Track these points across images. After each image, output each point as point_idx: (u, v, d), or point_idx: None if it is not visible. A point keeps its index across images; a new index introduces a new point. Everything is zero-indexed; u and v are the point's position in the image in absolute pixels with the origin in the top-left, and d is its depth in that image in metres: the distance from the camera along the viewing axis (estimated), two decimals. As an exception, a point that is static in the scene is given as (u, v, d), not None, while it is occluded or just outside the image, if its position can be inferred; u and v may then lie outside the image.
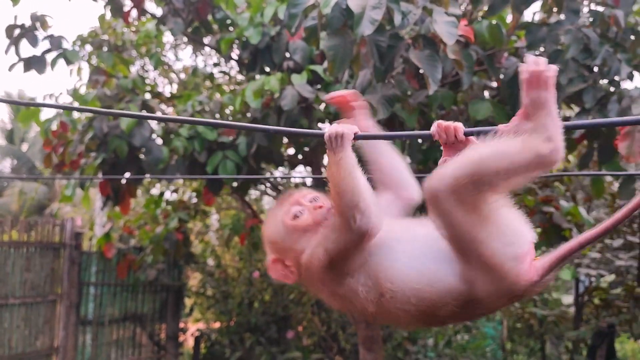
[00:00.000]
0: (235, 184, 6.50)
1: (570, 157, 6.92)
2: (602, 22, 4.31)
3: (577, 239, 1.41)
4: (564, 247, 1.42)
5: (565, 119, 5.48)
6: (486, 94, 5.30)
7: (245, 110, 5.77)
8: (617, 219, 1.40)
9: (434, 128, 1.48)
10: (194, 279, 10.40)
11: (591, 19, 4.46)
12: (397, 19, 3.12)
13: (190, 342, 9.92)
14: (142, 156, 5.73)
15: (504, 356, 9.65)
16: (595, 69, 4.64)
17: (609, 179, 7.10)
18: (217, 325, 9.89)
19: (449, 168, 1.33)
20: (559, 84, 4.38)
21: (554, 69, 1.34)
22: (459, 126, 1.46)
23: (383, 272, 1.43)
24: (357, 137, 1.51)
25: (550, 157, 1.30)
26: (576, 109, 5.10)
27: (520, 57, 4.99)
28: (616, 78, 4.43)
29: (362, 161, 1.59)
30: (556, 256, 1.41)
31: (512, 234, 1.37)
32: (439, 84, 3.45)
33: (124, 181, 5.93)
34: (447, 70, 4.42)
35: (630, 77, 4.50)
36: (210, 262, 10.22)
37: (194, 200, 8.61)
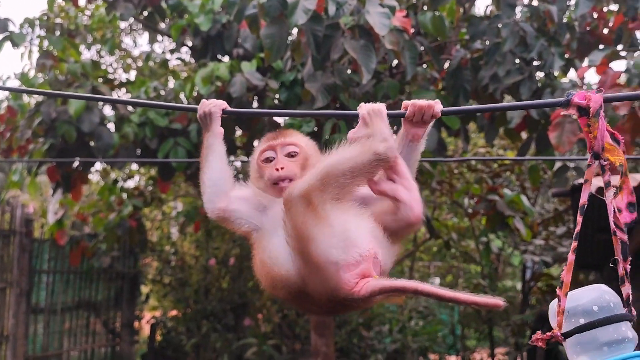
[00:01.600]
0: (188, 171, 6.52)
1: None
2: (537, 17, 4.48)
3: (417, 286, 1.51)
4: (402, 283, 1.53)
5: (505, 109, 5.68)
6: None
7: (199, 96, 5.79)
8: (455, 296, 1.49)
9: (411, 108, 1.60)
10: (150, 267, 10.37)
11: (528, 14, 4.63)
12: (332, 9, 3.21)
13: (146, 330, 9.92)
14: (92, 143, 5.71)
15: (454, 340, 9.93)
16: (535, 62, 4.84)
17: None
18: (173, 312, 9.90)
19: (305, 177, 1.57)
20: (497, 76, 4.56)
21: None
22: (435, 106, 1.59)
23: (264, 238, 1.70)
24: (225, 113, 1.77)
25: (386, 154, 1.53)
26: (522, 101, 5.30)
27: (469, 49, 5.16)
28: (550, 71, 4.62)
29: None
30: (390, 285, 1.52)
31: (343, 239, 1.51)
32: (372, 73, 3.56)
33: (74, 167, 5.90)
34: (392, 60, 4.54)
35: (564, 70, 4.70)
36: (168, 249, 10.21)
37: (150, 187, 8.59)
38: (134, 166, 8.68)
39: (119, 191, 8.07)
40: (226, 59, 5.76)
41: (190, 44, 6.43)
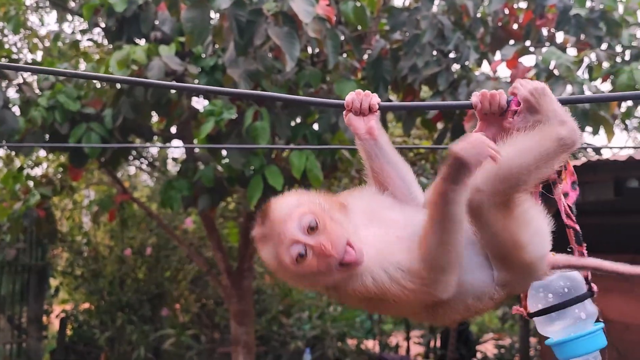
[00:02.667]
0: (103, 158, 6.24)
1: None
2: (454, 10, 4.63)
3: (600, 263, 1.48)
4: (580, 260, 1.48)
5: (422, 99, 5.85)
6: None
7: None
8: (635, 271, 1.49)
9: (476, 97, 1.42)
10: (60, 259, 9.88)
11: (445, 7, 4.78)
12: (256, -6, 3.16)
13: (55, 325, 9.45)
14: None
15: (372, 325, 10.19)
16: (451, 55, 5.00)
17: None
18: (85, 305, 9.50)
19: (482, 178, 1.29)
20: (416, 67, 4.67)
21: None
22: (504, 96, 1.42)
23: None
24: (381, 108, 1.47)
25: (570, 138, 1.33)
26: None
27: (389, 40, 5.25)
28: (466, 63, 4.79)
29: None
30: (567, 261, 1.46)
31: (543, 233, 1.40)
32: (295, 61, 3.55)
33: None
34: (314, 49, 4.54)
35: (479, 63, 4.89)
36: (80, 240, 9.77)
37: (60, 175, 8.15)
38: (42, 152, 8.20)
39: (24, 179, 7.60)
40: (143, 42, 5.54)
41: (103, 24, 6.13)
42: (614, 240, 5.41)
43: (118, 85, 5.46)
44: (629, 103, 5.37)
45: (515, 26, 5.58)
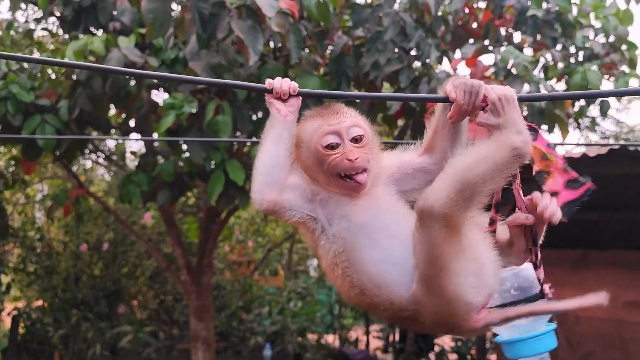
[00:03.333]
0: (58, 152, 6.07)
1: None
2: (416, 8, 4.68)
3: (531, 309, 1.46)
4: (514, 311, 1.45)
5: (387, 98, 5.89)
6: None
7: (69, 71, 5.39)
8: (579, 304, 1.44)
9: (449, 88, 1.41)
10: (12, 255, 9.57)
11: (407, 5, 4.83)
12: (218, -14, 3.12)
13: (7, 323, 9.15)
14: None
15: (332, 320, 10.25)
16: (413, 52, 5.06)
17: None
18: (38, 303, 9.23)
19: (440, 186, 1.33)
20: (378, 64, 4.71)
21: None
22: (480, 85, 1.41)
23: (349, 250, 1.44)
24: (300, 94, 1.51)
25: (523, 149, 1.33)
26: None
27: (351, 36, 5.27)
28: (427, 61, 4.86)
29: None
30: (506, 316, 1.45)
31: (479, 279, 1.38)
32: (259, 55, 3.53)
33: None
34: (277, 43, 4.52)
35: (440, 60, 4.97)
36: (33, 235, 9.48)
37: (12, 168, 7.88)
38: (-7, 145, 7.92)
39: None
40: (100, 33, 5.41)
41: (59, 14, 5.95)
42: (567, 236, 5.59)
43: (74, 77, 5.32)
44: (582, 102, 5.55)
45: (474, 25, 5.69)
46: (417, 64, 5.01)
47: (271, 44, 5.15)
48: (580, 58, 5.45)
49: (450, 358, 8.89)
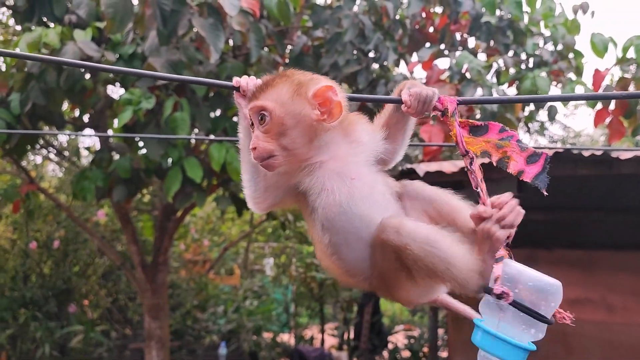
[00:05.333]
0: (7, 146, 5.89)
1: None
2: (375, 11, 4.77)
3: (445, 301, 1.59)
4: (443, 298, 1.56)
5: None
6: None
7: (21, 64, 5.24)
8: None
9: (405, 95, 1.38)
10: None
11: (367, 8, 4.91)
12: (180, -17, 3.11)
13: (-50, 323, 8.82)
14: None
15: (288, 318, 10.29)
16: (371, 54, 5.15)
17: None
18: (-16, 302, 8.93)
19: (409, 229, 1.29)
20: (337, 65, 4.78)
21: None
22: (435, 98, 1.38)
23: (328, 212, 1.39)
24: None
25: (466, 288, 1.30)
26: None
27: (311, 36, 5.32)
28: (385, 63, 4.96)
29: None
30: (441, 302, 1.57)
31: (432, 289, 1.43)
32: (220, 53, 3.54)
33: None
34: (237, 41, 4.53)
35: (397, 63, 5.07)
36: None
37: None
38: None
39: None
40: (55, 25, 5.29)
41: (12, 2, 5.78)
42: (516, 235, 5.78)
43: (26, 69, 5.18)
44: (532, 107, 5.76)
45: (431, 29, 5.84)
46: (375, 66, 5.11)
47: (231, 42, 5.15)
48: (531, 64, 5.66)
49: (403, 355, 9.06)
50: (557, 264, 5.71)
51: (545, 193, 1.32)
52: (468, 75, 4.73)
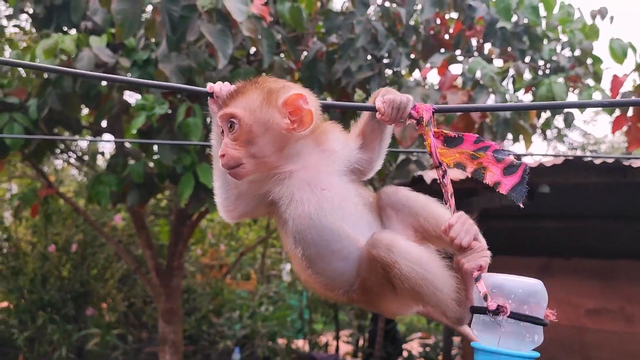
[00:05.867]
0: (26, 150, 5.99)
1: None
2: (388, 17, 4.75)
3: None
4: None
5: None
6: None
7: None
8: None
9: (379, 103, 1.35)
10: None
11: (380, 14, 4.90)
12: (188, -11, 3.14)
13: (-30, 324, 8.97)
14: None
15: (303, 324, 10.26)
16: (384, 60, 5.13)
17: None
18: (3, 304, 9.07)
19: (403, 248, 1.27)
20: (350, 70, 4.77)
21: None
22: (409, 102, 1.35)
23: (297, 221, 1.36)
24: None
25: (447, 315, 1.30)
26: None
27: (326, 42, 5.32)
28: (397, 69, 4.93)
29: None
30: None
31: (416, 302, 1.38)
32: (228, 59, 3.55)
33: None
34: (248, 47, 4.54)
35: (411, 69, 5.04)
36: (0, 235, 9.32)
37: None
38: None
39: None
40: (73, 32, 5.37)
41: (31, 11, 5.89)
42: (529, 244, 5.71)
43: (45, 75, 5.27)
44: (548, 114, 5.69)
45: (446, 36, 5.80)
46: (388, 72, 5.09)
47: (251, 49, 5.17)
48: (547, 71, 5.58)
49: (418, 363, 8.98)
50: (575, 274, 5.61)
51: (522, 206, 1.29)
52: (482, 81, 4.68)
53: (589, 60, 5.61)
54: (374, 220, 1.42)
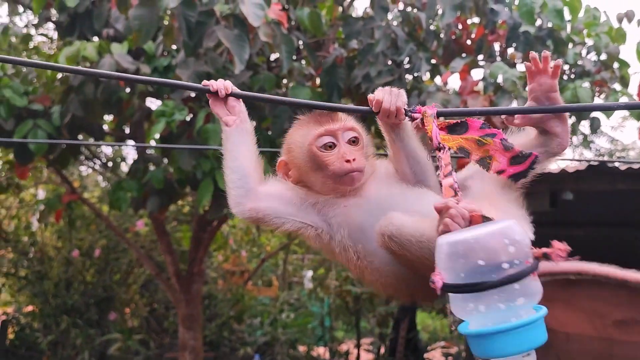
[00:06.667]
0: (51, 156, 6.07)
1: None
2: (408, 22, 4.71)
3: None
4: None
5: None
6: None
7: (65, 76, 5.41)
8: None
9: (370, 96, 1.50)
10: (4, 259, 9.55)
11: (400, 19, 4.85)
12: (205, -5, 3.14)
13: (-4, 328, 9.11)
14: None
15: (324, 332, 10.20)
16: (405, 66, 5.08)
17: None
18: (29, 308, 9.20)
19: (411, 229, 1.36)
20: (369, 76, 4.73)
21: None
22: (401, 90, 1.50)
23: (363, 255, 1.49)
24: (234, 94, 1.54)
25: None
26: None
27: (347, 48, 5.30)
28: (417, 74, 4.88)
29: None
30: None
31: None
32: (245, 64, 3.54)
33: None
34: (267, 53, 4.54)
35: (432, 75, 4.98)
36: (26, 240, 9.47)
37: (5, 173, 7.89)
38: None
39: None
40: (96, 39, 5.44)
41: (55, 19, 5.99)
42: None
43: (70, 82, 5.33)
44: (573, 119, 5.56)
45: (468, 41, 5.72)
46: (408, 77, 5.03)
47: (272, 55, 5.16)
48: (572, 75, 5.47)
49: (440, 373, 8.85)
50: (601, 283, 5.45)
51: (519, 186, 1.31)
52: (503, 86, 4.60)
53: (616, 64, 5.48)
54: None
